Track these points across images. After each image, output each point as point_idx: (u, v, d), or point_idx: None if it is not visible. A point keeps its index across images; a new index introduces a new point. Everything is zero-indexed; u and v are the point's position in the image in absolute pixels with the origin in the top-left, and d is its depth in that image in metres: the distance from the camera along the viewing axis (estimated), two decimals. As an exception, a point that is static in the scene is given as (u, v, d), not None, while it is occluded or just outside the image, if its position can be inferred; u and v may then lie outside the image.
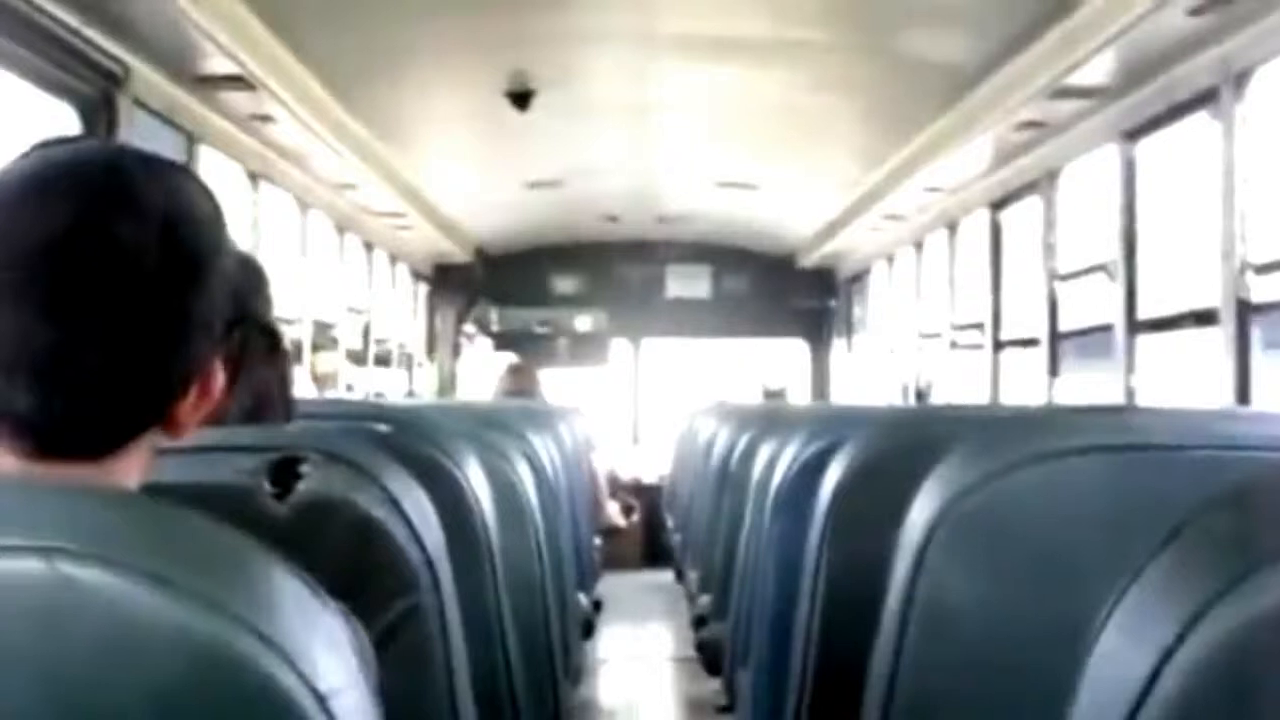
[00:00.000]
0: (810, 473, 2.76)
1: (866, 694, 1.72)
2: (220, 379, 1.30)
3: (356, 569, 1.44)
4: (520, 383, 7.81)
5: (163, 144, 5.10)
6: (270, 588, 0.88)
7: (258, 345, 1.97)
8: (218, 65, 5.03)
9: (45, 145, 1.24)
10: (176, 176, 1.26)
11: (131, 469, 1.24)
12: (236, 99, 5.55)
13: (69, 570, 0.80)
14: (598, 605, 6.82)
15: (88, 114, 4.48)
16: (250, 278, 2.06)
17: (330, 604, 0.94)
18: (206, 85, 5.30)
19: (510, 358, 9.78)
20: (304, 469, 1.46)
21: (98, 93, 4.50)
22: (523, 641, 2.48)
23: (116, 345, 1.17)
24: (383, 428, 2.15)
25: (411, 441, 2.06)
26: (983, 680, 1.51)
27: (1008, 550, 1.54)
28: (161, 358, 1.21)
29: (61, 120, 4.38)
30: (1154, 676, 0.79)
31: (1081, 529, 1.51)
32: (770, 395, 11.13)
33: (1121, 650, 0.84)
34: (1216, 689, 0.77)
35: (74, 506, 0.89)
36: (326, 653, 0.87)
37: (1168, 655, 0.79)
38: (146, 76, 4.80)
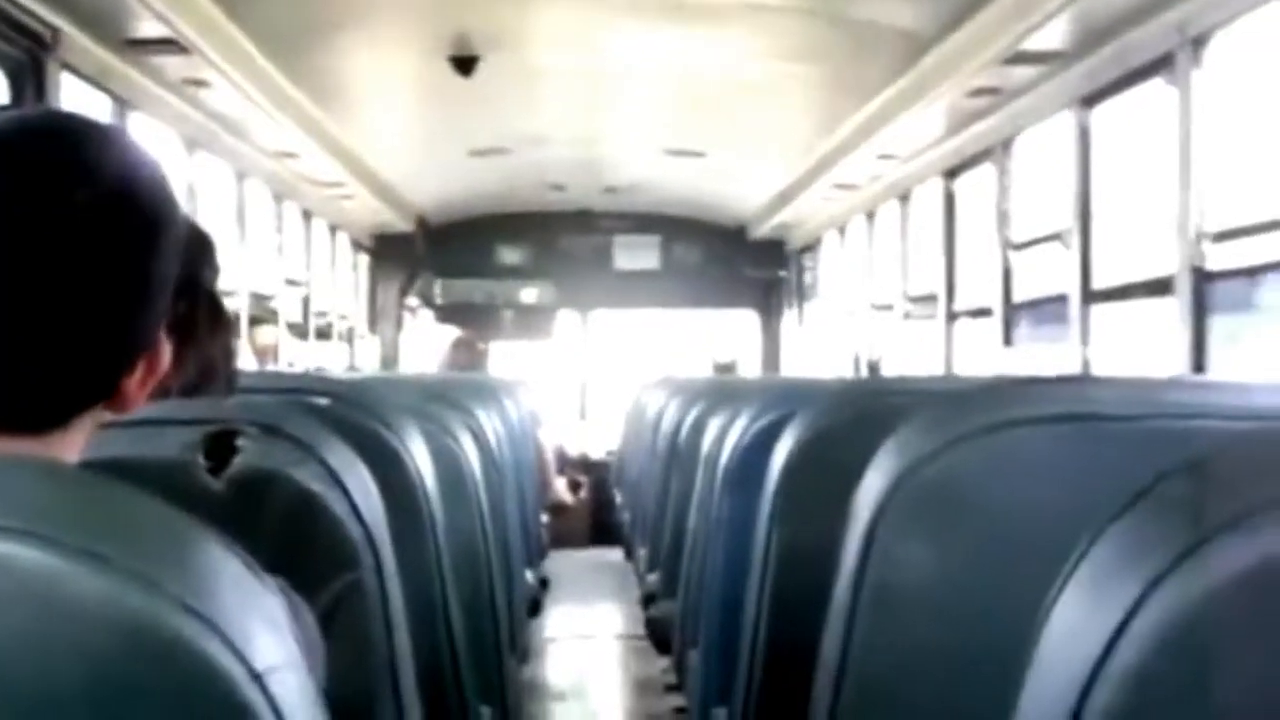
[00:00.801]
0: (760, 447, 2.77)
1: (818, 672, 1.73)
2: (167, 353, 1.29)
3: (295, 545, 1.43)
4: (467, 356, 7.81)
5: (93, 110, 5.05)
6: (205, 564, 0.88)
7: (204, 316, 1.96)
8: (149, 28, 4.98)
9: None
10: (125, 142, 1.25)
11: (73, 444, 1.23)
12: (169, 63, 5.50)
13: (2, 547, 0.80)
14: (545, 583, 6.83)
15: (15, 79, 4.43)
16: (197, 246, 2.05)
17: (268, 581, 0.93)
18: (138, 49, 5.25)
19: (454, 331, 9.75)
20: (241, 443, 1.45)
21: (25, 56, 4.44)
22: (467, 620, 2.48)
23: (71, 317, 1.17)
24: (323, 401, 2.14)
25: (352, 414, 2.05)
26: (936, 657, 1.52)
27: (960, 524, 1.54)
28: (112, 330, 1.20)
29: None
30: (1109, 649, 0.80)
31: (1035, 501, 1.52)
32: (721, 368, 11.17)
33: (1075, 623, 0.85)
34: (1173, 660, 0.77)
35: (3, 480, 0.88)
36: (263, 631, 0.86)
37: (1122, 627, 0.80)
38: (75, 40, 4.75)
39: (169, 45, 5.20)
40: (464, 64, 6.76)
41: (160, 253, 1.23)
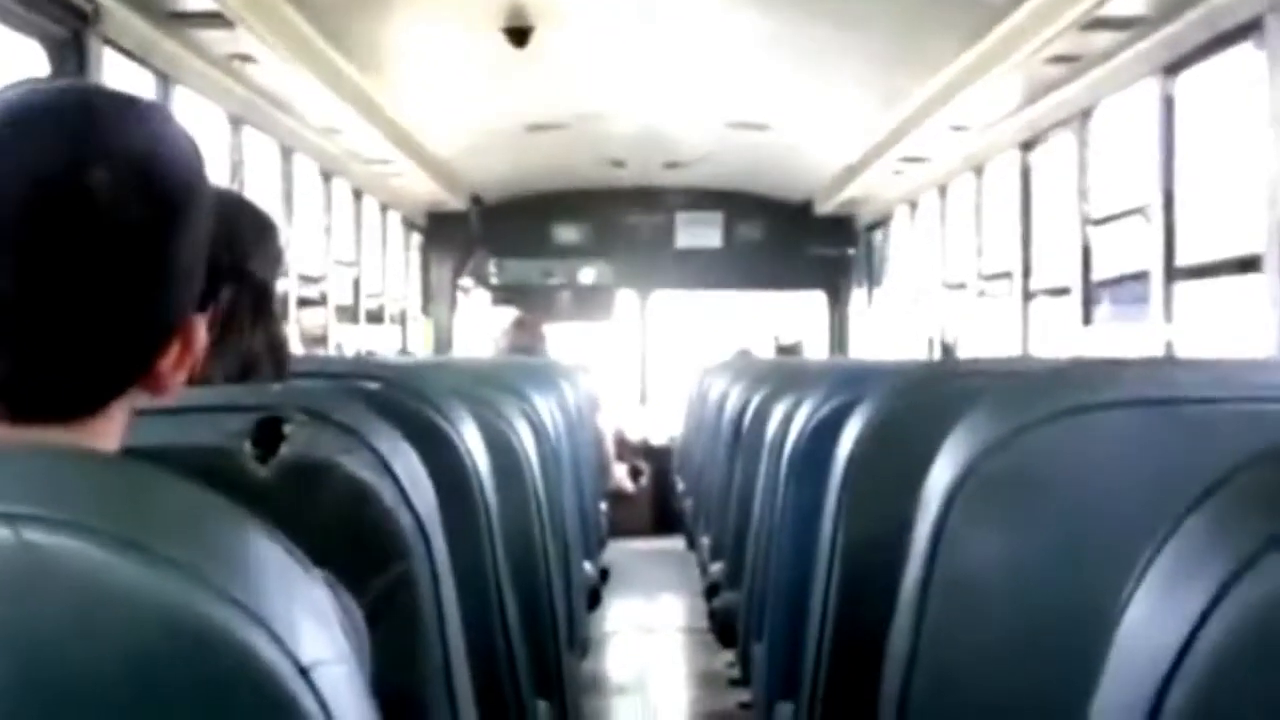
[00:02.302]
0: (827, 432, 2.76)
1: (886, 665, 1.73)
2: (202, 332, 1.30)
3: (344, 535, 1.44)
4: (525, 338, 7.82)
5: (136, 85, 5.09)
6: (251, 555, 0.88)
7: (246, 306, 1.96)
8: (193, 1, 5.01)
9: (12, 88, 1.23)
10: (153, 117, 1.25)
11: (111, 430, 1.24)
12: (214, 37, 5.53)
13: (37, 538, 0.81)
14: (605, 574, 6.84)
15: (56, 54, 4.47)
16: (250, 232, 2.04)
17: (315, 572, 0.94)
18: (182, 22, 5.29)
19: (510, 312, 9.78)
20: (288, 429, 1.46)
21: (67, 31, 4.48)
22: (523, 611, 2.49)
23: (93, 299, 1.17)
24: (373, 386, 2.15)
25: (403, 400, 2.06)
26: (1008, 648, 1.52)
27: (1035, 511, 1.54)
28: (141, 310, 1.21)
29: (30, 60, 4.37)
30: (1188, 643, 0.79)
31: (1115, 488, 1.51)
32: (784, 350, 11.14)
33: (1154, 615, 0.84)
34: (1254, 654, 0.77)
35: (42, 470, 0.89)
36: (309, 624, 0.87)
37: (1203, 620, 0.79)
38: (118, 14, 4.78)
39: (213, 19, 5.23)
40: (518, 35, 6.77)
41: (185, 231, 1.23)
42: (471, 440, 2.17)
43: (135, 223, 1.18)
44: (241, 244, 1.98)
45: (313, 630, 0.87)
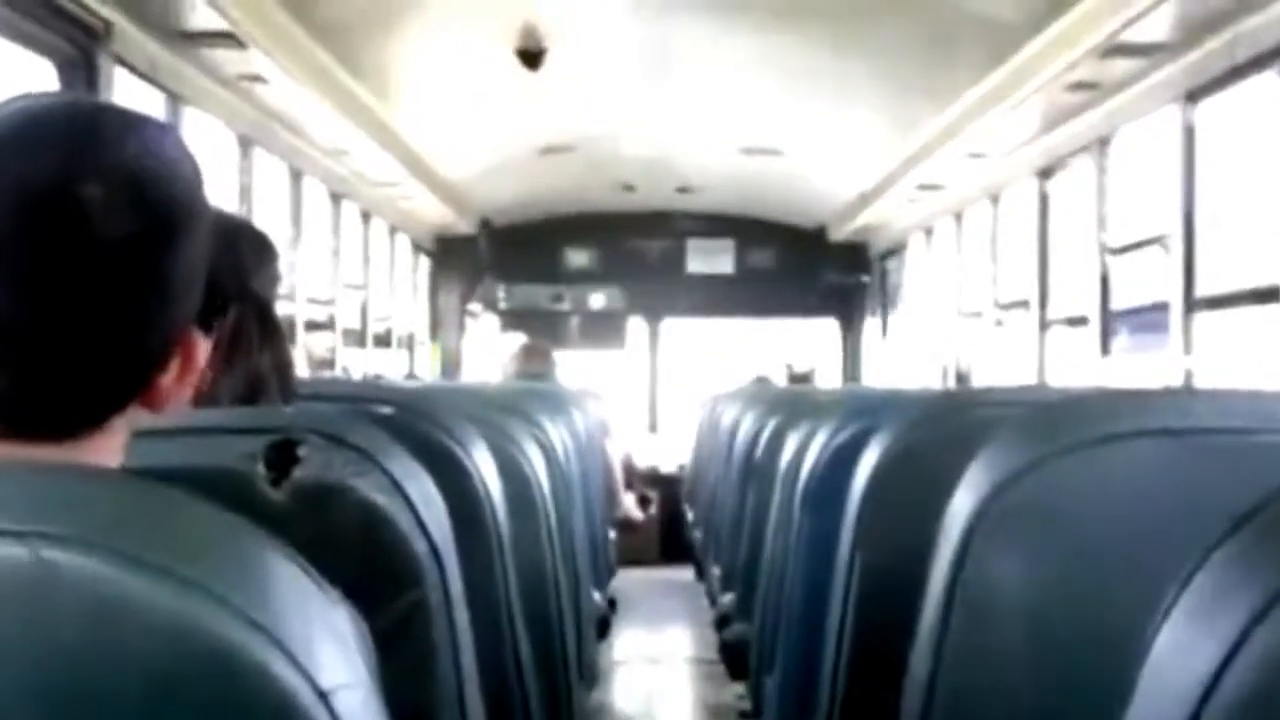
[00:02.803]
0: (842, 462, 2.76)
1: (904, 698, 1.72)
2: (203, 348, 1.30)
3: (358, 560, 1.44)
4: (534, 364, 7.81)
5: (145, 104, 5.11)
6: (269, 575, 0.88)
7: (252, 326, 1.96)
8: (204, 20, 5.04)
9: (9, 103, 1.23)
10: (151, 133, 1.25)
11: (111, 447, 1.24)
12: (224, 57, 5.55)
13: (52, 556, 0.81)
14: (613, 603, 6.84)
15: (66, 72, 4.49)
16: (252, 251, 2.06)
17: (333, 594, 0.94)
18: (192, 42, 5.31)
19: (518, 338, 9.78)
20: (302, 452, 1.46)
21: (77, 50, 4.50)
22: (534, 641, 2.48)
23: (88, 315, 1.17)
24: (385, 410, 2.15)
25: (416, 424, 2.07)
26: (1029, 682, 1.51)
27: (1057, 543, 1.53)
28: (137, 326, 1.21)
29: (39, 78, 4.39)
30: (1219, 674, 0.79)
31: (1138, 519, 1.51)
32: (796, 379, 11.13)
33: (1184, 645, 0.84)
34: (1286, 688, 0.77)
35: (56, 487, 0.89)
36: (329, 646, 0.87)
37: (1234, 650, 0.79)
38: (128, 32, 4.81)
39: (224, 38, 5.26)
40: (531, 57, 6.79)
41: (181, 247, 1.23)
42: (484, 465, 2.17)
43: (128, 237, 1.18)
44: (244, 264, 1.99)
45: (332, 654, 0.87)
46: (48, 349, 1.17)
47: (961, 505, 1.61)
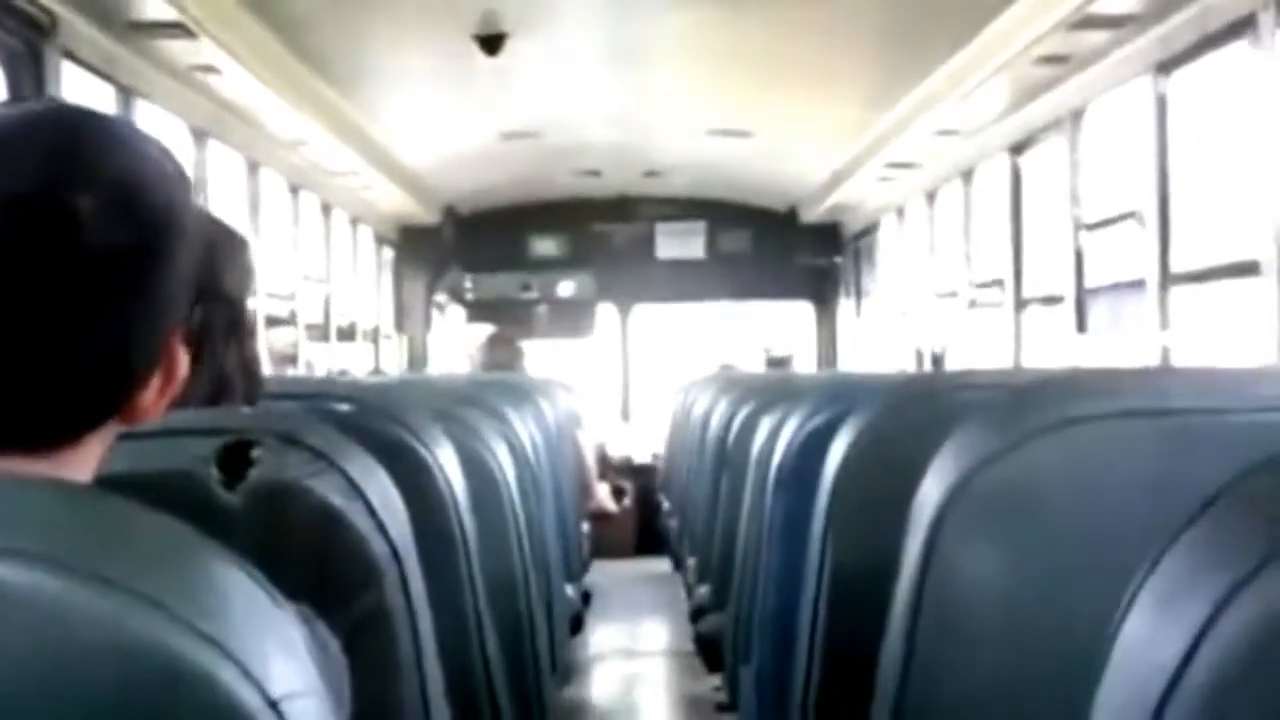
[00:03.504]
0: (814, 448, 2.77)
1: (877, 687, 1.73)
2: (184, 362, 1.29)
3: (315, 562, 1.44)
4: (502, 355, 7.81)
5: (96, 100, 5.09)
6: (217, 585, 0.88)
7: (220, 326, 1.95)
8: (154, 10, 5.02)
9: None
10: (136, 138, 1.25)
11: (88, 461, 1.23)
12: (176, 48, 5.54)
13: (3, 570, 0.80)
14: (587, 597, 6.84)
15: (12, 68, 4.47)
16: (223, 247, 2.04)
17: (284, 603, 0.94)
18: (142, 33, 5.29)
19: (486, 329, 9.77)
20: (256, 454, 1.46)
21: (23, 44, 4.48)
22: (503, 639, 2.48)
23: (74, 328, 1.16)
24: (344, 407, 2.15)
25: (375, 421, 2.06)
26: (1002, 670, 1.52)
27: (1029, 526, 1.54)
28: (120, 340, 1.20)
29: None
30: (1187, 658, 0.79)
31: (1111, 502, 1.52)
32: (774, 363, 11.16)
33: (1148, 635, 0.85)
34: (1254, 671, 0.77)
35: (15, 500, 0.89)
36: (279, 655, 0.87)
37: (1202, 634, 0.79)
38: (76, 25, 4.79)
39: (175, 29, 5.24)
40: (490, 42, 6.77)
41: (170, 259, 1.22)
42: (447, 462, 2.16)
43: (118, 248, 1.17)
44: (213, 261, 1.97)
45: (282, 662, 0.86)
46: (29, 361, 1.16)
47: (930, 492, 1.61)
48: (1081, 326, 6.45)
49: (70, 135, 1.19)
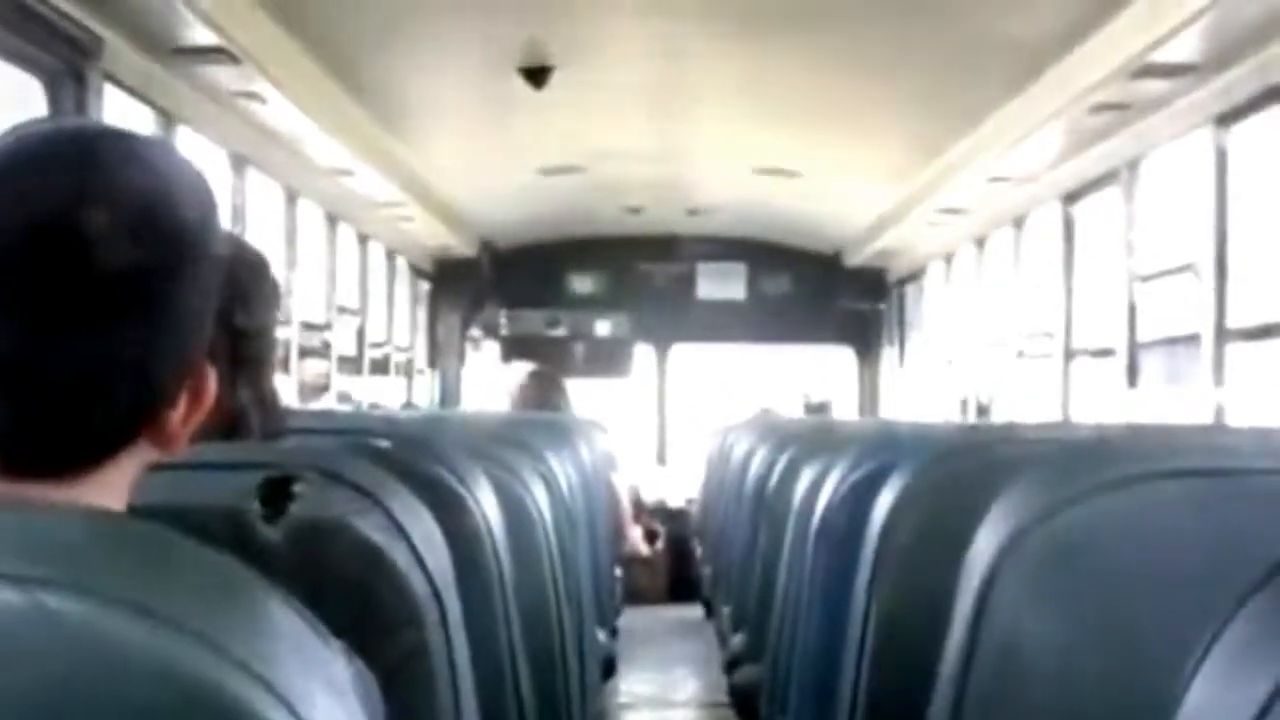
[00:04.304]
0: (858, 499, 2.76)
1: (923, 749, 1.72)
2: (212, 384, 1.30)
3: (356, 600, 1.44)
4: (544, 393, 7.76)
5: (137, 123, 5.13)
6: (266, 622, 0.89)
7: (227, 358, 1.92)
8: (198, 36, 5.06)
9: (14, 130, 1.24)
10: (159, 156, 1.25)
11: (116, 487, 1.23)
12: (219, 74, 5.57)
13: (45, 600, 0.81)
14: (618, 642, 6.82)
15: (55, 89, 4.51)
16: (240, 281, 2.01)
17: (333, 642, 0.94)
18: (186, 58, 5.33)
19: (523, 366, 9.78)
20: (298, 489, 1.46)
21: (66, 66, 4.52)
22: (537, 682, 2.48)
23: (92, 349, 1.17)
24: (383, 443, 2.15)
25: (415, 459, 2.07)
26: (1056, 731, 1.51)
27: (1084, 589, 1.53)
28: (138, 360, 1.20)
29: (27, 96, 4.40)
30: (1258, 723, 0.79)
31: (1167, 562, 1.51)
32: (813, 409, 11.13)
33: (1217, 700, 0.84)
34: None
35: (52, 529, 0.89)
36: (326, 696, 0.87)
37: (1271, 703, 0.79)
38: (120, 48, 4.83)
39: (219, 54, 5.27)
40: (535, 75, 6.80)
41: (190, 279, 1.23)
42: (486, 501, 2.17)
43: (132, 267, 1.17)
44: (232, 290, 1.95)
45: (328, 702, 0.87)
46: (49, 383, 1.16)
47: (983, 548, 1.61)
48: (1133, 380, 6.43)
49: (89, 152, 1.20)
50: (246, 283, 2.02)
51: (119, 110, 4.92)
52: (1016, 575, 1.56)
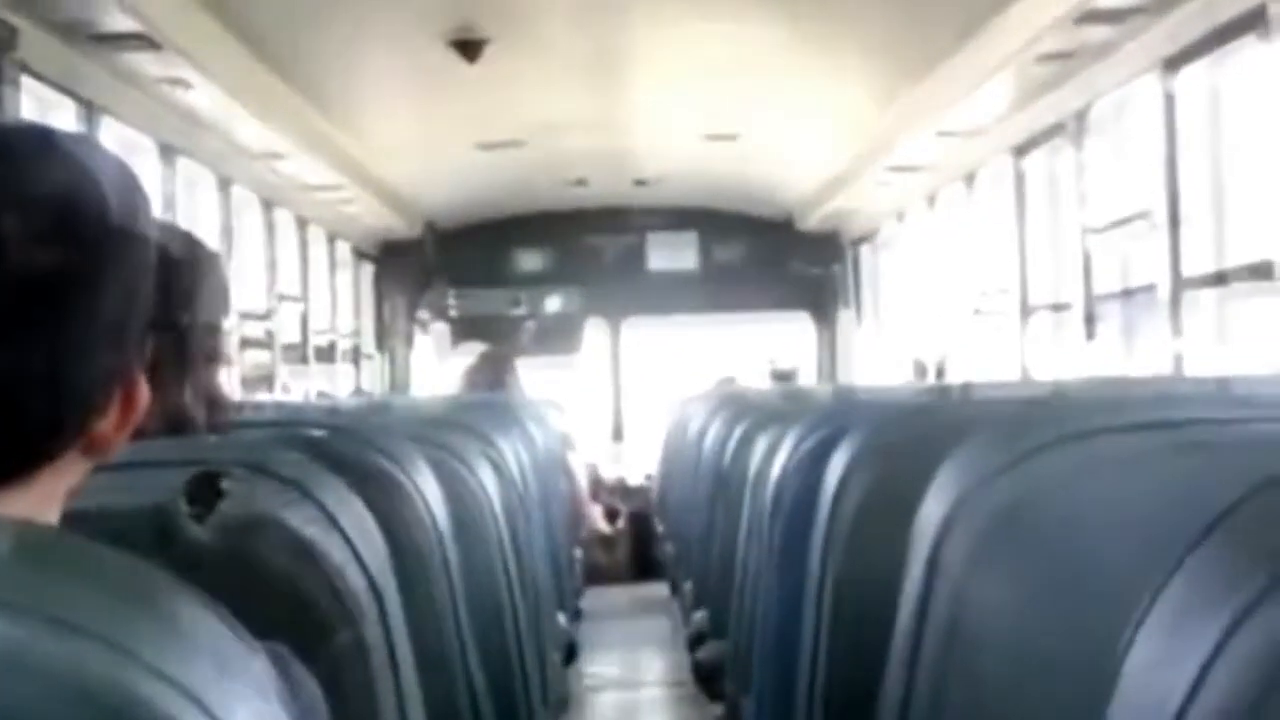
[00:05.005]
0: (812, 466, 2.76)
1: (880, 713, 1.72)
2: (145, 390, 1.27)
3: (289, 597, 1.43)
4: (494, 373, 7.74)
5: (59, 115, 5.09)
6: (183, 627, 0.88)
7: (169, 357, 1.91)
8: (118, 22, 5.01)
9: None
10: (79, 152, 1.21)
11: (46, 498, 1.20)
12: (142, 61, 5.53)
13: (-55, 614, 0.80)
14: (579, 624, 6.83)
15: (-31, 84, 4.47)
16: (180, 275, 1.99)
17: (255, 645, 0.93)
18: (107, 46, 5.28)
19: (471, 347, 9.74)
20: (226, 485, 1.45)
21: (-20, 59, 4.48)
22: (490, 672, 2.47)
23: (8, 358, 1.14)
24: (318, 433, 2.14)
25: (351, 448, 2.05)
26: (1009, 690, 1.51)
27: (1035, 546, 1.53)
28: (55, 367, 1.17)
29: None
30: (1196, 684, 0.79)
31: (1121, 516, 1.51)
32: (780, 376, 11.14)
33: (1159, 655, 0.84)
34: (1265, 697, 0.77)
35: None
36: (248, 699, 0.86)
37: (1212, 659, 0.79)
38: (37, 37, 4.78)
39: (141, 40, 5.23)
40: (469, 48, 6.78)
41: (113, 281, 1.20)
42: (427, 489, 2.15)
43: (51, 272, 1.14)
44: (172, 286, 1.93)
45: (252, 707, 0.86)
46: None
47: (932, 510, 1.61)
48: (1090, 334, 6.45)
49: None
50: (191, 279, 2.00)
51: (38, 103, 4.88)
52: (965, 535, 1.55)
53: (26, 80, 4.75)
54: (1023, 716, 1.46)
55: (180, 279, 1.97)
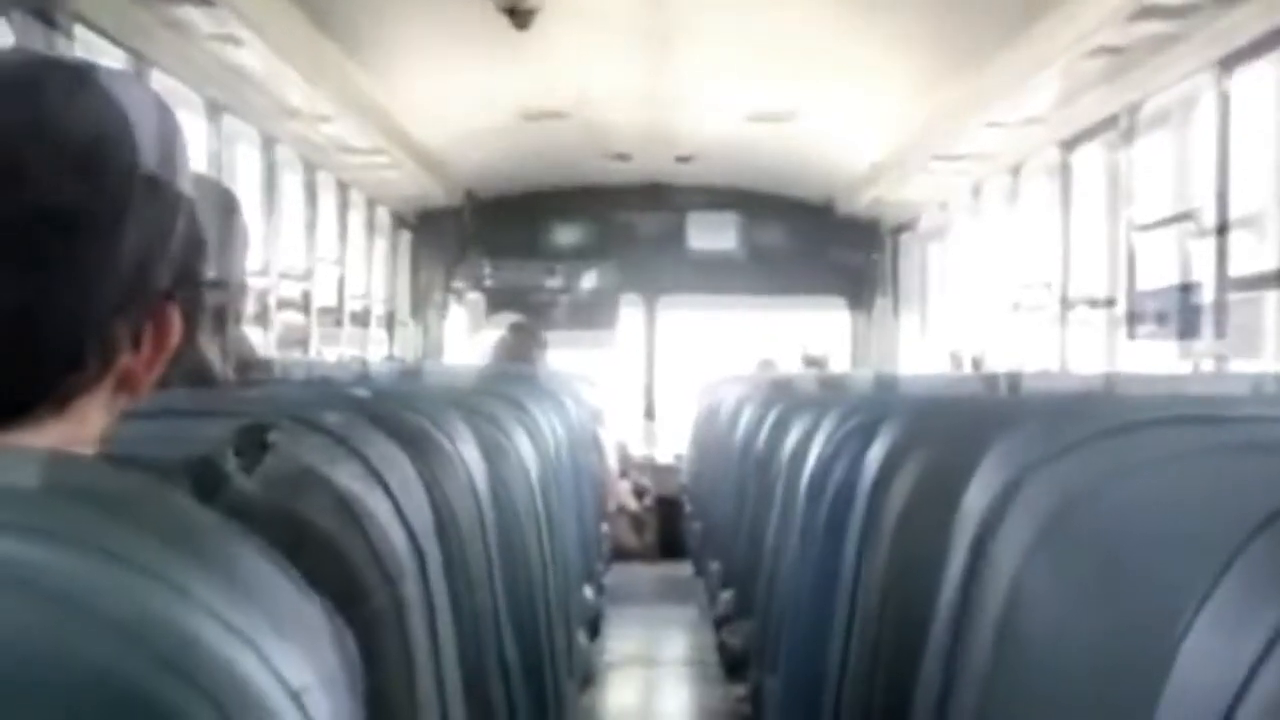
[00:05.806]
0: (849, 451, 2.76)
1: (917, 699, 1.72)
2: (177, 325, 1.28)
3: (332, 552, 1.43)
4: (521, 347, 7.77)
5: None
6: (240, 570, 0.88)
7: (190, 314, 1.89)
8: (172, -25, 5.04)
9: None
10: (117, 93, 1.22)
11: (80, 431, 1.21)
12: (194, 16, 5.55)
13: (8, 547, 0.80)
14: (604, 600, 6.84)
15: (22, 32, 4.47)
16: (205, 223, 1.99)
17: (308, 591, 0.94)
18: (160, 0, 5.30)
19: (506, 319, 9.75)
20: (273, 438, 1.45)
21: (34, 7, 4.49)
22: (520, 640, 2.48)
23: (34, 292, 1.15)
24: (363, 393, 2.15)
25: (396, 410, 2.06)
26: (1053, 683, 1.51)
27: (1086, 539, 1.53)
28: (89, 305, 1.18)
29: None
30: (1251, 676, 0.79)
31: (1174, 514, 1.50)
32: (811, 362, 11.13)
33: (1214, 648, 0.84)
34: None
35: (11, 471, 0.89)
36: (302, 645, 0.87)
37: (1263, 657, 0.79)
38: (89, -13, 4.80)
39: (193, -6, 5.25)
40: (520, 15, 6.77)
41: (141, 218, 1.20)
42: (469, 453, 2.16)
43: (71, 208, 1.15)
44: (194, 241, 1.92)
45: (304, 653, 0.86)
46: None
47: (978, 500, 1.60)
48: (1132, 331, 6.43)
49: (31, 86, 1.17)
50: (210, 227, 1.99)
51: (89, 53, 4.89)
52: (1012, 526, 1.55)
53: (80, 31, 4.77)
54: (1068, 701, 1.46)
55: (198, 227, 1.96)
